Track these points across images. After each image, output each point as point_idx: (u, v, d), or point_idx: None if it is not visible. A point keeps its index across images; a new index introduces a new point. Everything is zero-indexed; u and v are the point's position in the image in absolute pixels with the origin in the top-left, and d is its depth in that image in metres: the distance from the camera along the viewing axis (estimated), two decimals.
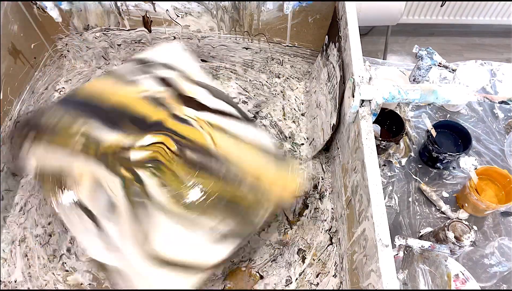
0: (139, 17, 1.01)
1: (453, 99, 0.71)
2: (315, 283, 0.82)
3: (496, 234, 0.86)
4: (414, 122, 1.01)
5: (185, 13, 1.00)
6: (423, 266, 0.76)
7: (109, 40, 1.07)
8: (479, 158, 0.96)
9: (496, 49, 2.14)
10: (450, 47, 2.14)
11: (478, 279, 0.77)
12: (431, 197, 0.89)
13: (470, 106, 1.04)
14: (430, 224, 0.86)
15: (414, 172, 0.94)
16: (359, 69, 0.73)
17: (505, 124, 1.01)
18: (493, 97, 0.75)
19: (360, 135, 0.69)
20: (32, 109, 0.97)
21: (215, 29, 1.04)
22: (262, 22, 1.01)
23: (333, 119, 0.83)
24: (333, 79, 0.86)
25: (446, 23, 2.00)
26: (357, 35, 0.78)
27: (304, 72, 1.12)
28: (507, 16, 1.97)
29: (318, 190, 0.93)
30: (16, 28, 0.91)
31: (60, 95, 1.07)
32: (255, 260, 0.84)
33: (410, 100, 0.71)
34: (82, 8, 0.99)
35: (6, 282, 0.80)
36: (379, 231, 0.58)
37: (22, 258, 0.82)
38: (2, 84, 0.86)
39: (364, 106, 0.71)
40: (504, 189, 0.86)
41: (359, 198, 0.68)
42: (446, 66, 0.98)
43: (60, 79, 1.10)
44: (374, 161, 0.65)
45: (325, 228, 0.88)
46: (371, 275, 0.60)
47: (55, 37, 1.06)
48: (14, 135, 0.88)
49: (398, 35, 2.09)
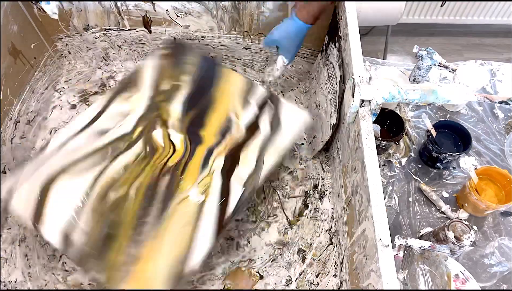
0: (139, 17, 1.01)
1: (453, 99, 0.71)
2: (315, 283, 0.82)
3: (496, 234, 0.85)
4: (414, 122, 1.01)
5: (185, 13, 1.00)
6: (423, 266, 0.76)
7: (109, 40, 1.07)
8: (479, 158, 0.96)
9: (496, 49, 2.14)
10: (450, 47, 2.14)
11: (478, 279, 0.77)
12: (431, 197, 0.89)
13: (470, 106, 1.04)
14: (430, 224, 0.86)
15: (414, 172, 0.94)
16: (359, 69, 0.73)
17: (505, 124, 1.01)
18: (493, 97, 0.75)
19: (360, 135, 0.69)
20: (32, 109, 0.97)
21: (215, 29, 1.04)
22: (262, 22, 1.01)
23: (333, 119, 0.83)
24: (333, 79, 0.86)
25: (446, 23, 2.00)
26: (357, 35, 0.78)
27: (304, 72, 1.12)
28: (507, 16, 1.97)
29: (318, 190, 0.93)
30: (16, 28, 0.91)
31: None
32: (255, 260, 0.84)
33: (410, 100, 0.71)
34: (82, 8, 0.99)
35: (6, 282, 0.80)
36: (379, 231, 0.58)
37: (22, 258, 0.82)
38: (2, 84, 0.86)
39: (364, 106, 0.71)
40: (504, 189, 0.86)
41: (359, 198, 0.68)
42: (446, 66, 0.98)
43: (60, 79, 1.10)
44: (374, 161, 0.65)
45: (325, 228, 0.88)
46: (371, 275, 0.60)
47: (55, 37, 1.06)
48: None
49: (398, 35, 2.09)
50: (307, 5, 0.83)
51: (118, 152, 0.80)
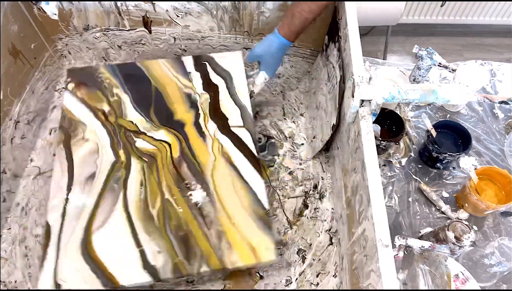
0: (139, 17, 1.01)
1: (453, 99, 0.71)
2: (315, 283, 0.82)
3: (496, 234, 0.85)
4: (414, 122, 1.01)
5: (185, 13, 1.00)
6: (423, 266, 0.76)
7: (109, 40, 1.07)
8: (479, 158, 0.96)
9: (496, 49, 2.14)
10: (450, 47, 2.14)
11: (478, 279, 0.77)
12: (431, 197, 0.89)
13: (470, 106, 1.04)
14: (430, 224, 0.86)
15: (414, 172, 0.94)
16: (359, 69, 0.73)
17: (505, 124, 1.01)
18: (493, 97, 0.75)
19: (360, 135, 0.69)
20: (32, 109, 0.97)
21: (215, 29, 1.04)
22: (262, 22, 1.01)
23: (333, 119, 0.83)
24: (333, 79, 0.87)
25: (446, 23, 2.00)
26: (357, 35, 0.78)
27: (304, 72, 1.12)
28: (507, 16, 1.97)
29: (318, 190, 0.93)
30: (16, 28, 0.91)
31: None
32: None
33: (410, 100, 0.71)
34: (82, 8, 0.99)
35: (6, 282, 0.80)
36: (379, 231, 0.58)
37: (22, 258, 0.82)
38: (2, 84, 0.86)
39: (364, 106, 0.71)
40: (504, 189, 0.86)
41: (359, 198, 0.68)
42: (446, 66, 0.98)
43: (60, 79, 1.10)
44: (374, 161, 0.65)
45: (325, 228, 0.88)
46: (371, 275, 0.60)
47: (55, 37, 1.06)
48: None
49: (398, 35, 2.09)
50: (289, 22, 0.83)
51: (123, 179, 0.80)
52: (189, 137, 0.86)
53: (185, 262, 0.72)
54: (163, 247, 0.73)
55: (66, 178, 0.81)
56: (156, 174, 0.81)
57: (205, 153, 0.84)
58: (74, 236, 0.74)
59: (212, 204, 0.78)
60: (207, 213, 0.77)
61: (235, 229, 0.75)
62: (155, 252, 0.72)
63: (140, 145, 0.85)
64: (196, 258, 0.72)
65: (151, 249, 0.73)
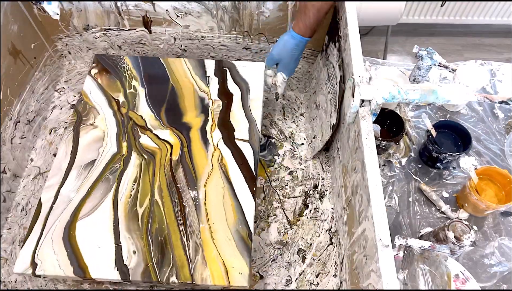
0: (139, 17, 1.01)
1: (453, 99, 0.71)
2: (315, 283, 0.82)
3: (496, 234, 0.85)
4: (414, 122, 1.01)
5: (185, 13, 1.00)
6: (423, 266, 0.76)
7: (109, 40, 1.07)
8: (479, 158, 0.96)
9: (496, 49, 2.14)
10: (450, 47, 2.14)
11: (478, 279, 0.77)
12: (431, 197, 0.89)
13: (470, 106, 1.04)
14: (430, 224, 0.86)
15: (414, 172, 0.94)
16: (359, 69, 0.73)
17: (505, 124, 1.01)
18: (493, 97, 0.75)
19: (360, 135, 0.69)
20: (32, 109, 0.97)
21: (215, 29, 1.04)
22: (262, 22, 1.01)
23: (333, 119, 0.83)
24: (333, 79, 0.87)
25: (446, 23, 2.00)
26: (357, 35, 0.78)
27: (304, 72, 1.12)
28: (507, 16, 1.97)
29: (318, 190, 0.93)
30: (16, 28, 0.91)
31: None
32: (255, 260, 0.84)
33: (410, 100, 0.71)
34: (82, 8, 0.99)
35: (6, 282, 0.80)
36: (379, 231, 0.58)
37: None
38: (2, 84, 0.87)
39: (364, 106, 0.71)
40: (504, 189, 0.86)
41: (359, 198, 0.68)
42: (446, 66, 0.98)
43: (60, 79, 1.10)
44: (374, 161, 0.65)
45: (325, 228, 0.88)
46: (371, 275, 0.60)
47: (55, 37, 1.06)
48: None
49: (398, 35, 2.09)
50: (302, 17, 0.83)
51: (119, 172, 0.80)
52: (192, 142, 0.85)
53: (157, 268, 0.70)
54: (139, 248, 0.72)
55: (67, 160, 0.82)
56: (152, 173, 0.81)
57: (204, 160, 0.83)
58: (60, 218, 0.75)
59: (198, 214, 0.76)
60: (191, 222, 0.75)
61: (213, 245, 0.73)
62: (131, 252, 0.72)
63: (143, 141, 0.85)
64: (168, 266, 0.71)
65: (128, 247, 0.72)
